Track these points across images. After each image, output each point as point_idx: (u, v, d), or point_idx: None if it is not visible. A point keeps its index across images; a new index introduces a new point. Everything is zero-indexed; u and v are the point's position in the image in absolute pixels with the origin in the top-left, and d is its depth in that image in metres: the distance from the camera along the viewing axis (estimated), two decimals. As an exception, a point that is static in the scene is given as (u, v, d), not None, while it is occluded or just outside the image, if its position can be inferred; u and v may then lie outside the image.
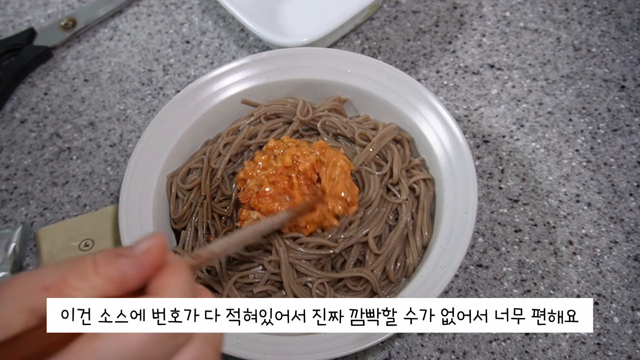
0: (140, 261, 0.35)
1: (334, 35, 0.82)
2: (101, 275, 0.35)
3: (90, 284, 0.34)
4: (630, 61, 0.83)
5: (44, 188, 0.79)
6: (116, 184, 0.79)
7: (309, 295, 0.62)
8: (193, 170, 0.71)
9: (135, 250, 0.35)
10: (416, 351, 0.66)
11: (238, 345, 0.57)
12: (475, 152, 0.77)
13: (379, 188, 0.66)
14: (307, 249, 0.63)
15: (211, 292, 0.64)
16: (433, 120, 0.68)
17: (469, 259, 0.70)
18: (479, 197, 0.73)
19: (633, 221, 0.72)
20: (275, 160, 0.65)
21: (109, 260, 0.35)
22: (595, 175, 0.75)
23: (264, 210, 0.61)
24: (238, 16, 0.79)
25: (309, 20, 0.86)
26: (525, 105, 0.81)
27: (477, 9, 0.89)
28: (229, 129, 0.72)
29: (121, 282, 0.35)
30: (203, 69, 0.88)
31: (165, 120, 0.70)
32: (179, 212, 0.68)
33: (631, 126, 0.78)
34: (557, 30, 0.86)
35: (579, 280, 0.68)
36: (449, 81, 0.83)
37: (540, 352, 0.65)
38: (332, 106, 0.72)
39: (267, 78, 0.73)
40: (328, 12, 0.84)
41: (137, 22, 0.93)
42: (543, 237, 0.71)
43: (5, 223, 0.77)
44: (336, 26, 0.77)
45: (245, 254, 0.64)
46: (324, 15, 0.82)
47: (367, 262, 0.63)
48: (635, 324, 0.65)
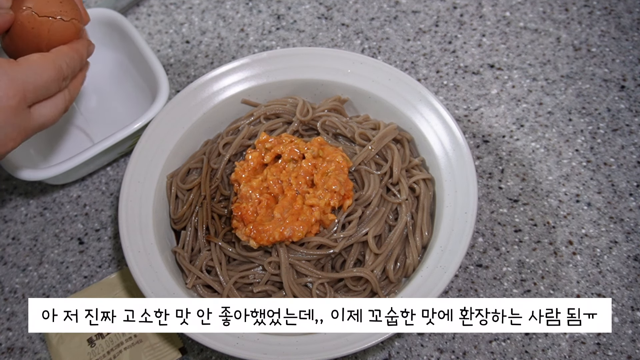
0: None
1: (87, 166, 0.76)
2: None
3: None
4: (630, 61, 0.83)
5: (43, 188, 0.79)
6: (116, 184, 0.79)
7: (309, 296, 0.62)
8: (193, 170, 0.71)
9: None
10: (416, 351, 0.66)
11: (238, 345, 0.57)
12: (475, 152, 0.77)
13: (379, 187, 0.66)
14: (307, 249, 0.63)
15: (211, 291, 0.65)
16: (433, 120, 0.68)
17: (469, 259, 0.71)
18: (479, 197, 0.73)
19: (633, 221, 0.72)
20: (267, 153, 0.66)
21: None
22: (595, 175, 0.75)
23: (255, 225, 0.62)
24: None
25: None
26: (525, 105, 0.81)
27: (477, 9, 0.89)
28: (228, 129, 0.72)
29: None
30: (203, 69, 0.88)
31: (165, 120, 0.70)
32: (178, 212, 0.68)
33: (631, 126, 0.78)
34: (557, 30, 0.86)
35: (578, 280, 0.68)
36: (449, 81, 0.83)
37: (540, 352, 0.65)
38: (332, 106, 0.72)
39: (267, 78, 0.73)
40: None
41: (137, 22, 0.93)
42: (543, 237, 0.71)
43: (5, 223, 0.77)
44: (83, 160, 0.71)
45: (246, 254, 0.64)
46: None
47: (367, 262, 0.63)
48: (635, 324, 0.65)
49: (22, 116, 0.54)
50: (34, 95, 0.54)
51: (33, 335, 0.70)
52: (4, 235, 0.77)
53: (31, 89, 0.53)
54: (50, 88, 0.56)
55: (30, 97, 0.54)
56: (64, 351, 0.67)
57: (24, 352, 0.69)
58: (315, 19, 0.90)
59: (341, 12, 0.91)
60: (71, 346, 0.67)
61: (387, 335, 0.56)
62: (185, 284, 0.64)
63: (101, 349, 0.67)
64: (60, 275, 0.74)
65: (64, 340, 0.67)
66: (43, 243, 0.76)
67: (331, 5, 0.92)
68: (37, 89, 0.54)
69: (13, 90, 0.52)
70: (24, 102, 0.53)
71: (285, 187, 0.64)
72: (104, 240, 0.76)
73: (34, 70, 0.54)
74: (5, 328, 0.71)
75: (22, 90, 0.53)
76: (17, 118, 0.53)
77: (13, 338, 0.70)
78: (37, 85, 0.54)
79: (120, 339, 0.67)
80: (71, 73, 0.58)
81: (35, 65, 0.54)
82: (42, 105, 0.56)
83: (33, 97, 0.54)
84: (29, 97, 0.54)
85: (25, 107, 0.54)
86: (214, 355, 0.67)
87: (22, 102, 0.53)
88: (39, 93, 0.55)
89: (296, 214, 0.62)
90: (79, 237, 0.76)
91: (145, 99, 0.80)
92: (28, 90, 0.53)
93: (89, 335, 0.67)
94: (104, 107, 0.83)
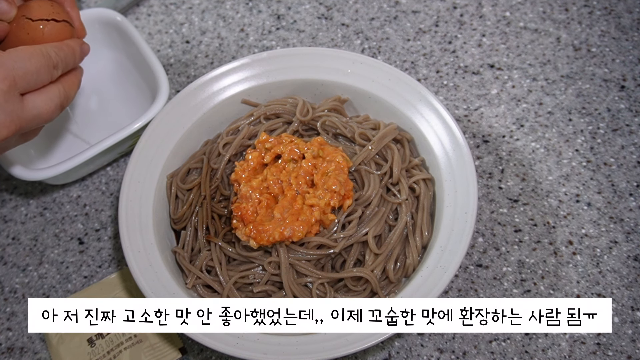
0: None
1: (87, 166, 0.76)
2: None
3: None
4: (630, 61, 0.83)
5: (43, 188, 0.79)
6: (116, 184, 0.79)
7: (309, 296, 0.62)
8: (193, 170, 0.71)
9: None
10: (416, 351, 0.66)
11: (238, 345, 0.57)
12: (475, 152, 0.77)
13: (379, 187, 0.66)
14: (307, 249, 0.63)
15: (211, 291, 0.65)
16: (433, 120, 0.68)
17: (469, 259, 0.70)
18: (479, 197, 0.73)
19: (633, 221, 0.72)
20: (267, 153, 0.66)
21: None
22: (595, 175, 0.75)
23: (255, 225, 0.62)
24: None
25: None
26: (525, 105, 0.81)
27: (477, 9, 0.89)
28: (228, 128, 0.72)
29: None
30: (203, 69, 0.88)
31: (165, 120, 0.70)
32: (178, 212, 0.68)
33: (631, 126, 0.78)
34: (557, 30, 0.86)
35: (578, 280, 0.68)
36: (449, 81, 0.83)
37: (540, 352, 0.65)
38: (332, 106, 0.72)
39: (267, 78, 0.73)
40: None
41: (137, 22, 0.93)
42: (543, 237, 0.71)
43: (5, 223, 0.77)
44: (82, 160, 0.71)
45: (246, 254, 0.64)
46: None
47: (367, 262, 0.63)
48: (635, 324, 0.65)
49: (14, 103, 0.54)
50: (25, 81, 0.55)
51: (33, 335, 0.70)
52: (4, 235, 0.77)
53: (21, 74, 0.54)
54: (40, 75, 0.56)
55: (21, 84, 0.54)
56: (64, 351, 0.67)
57: (24, 352, 0.69)
58: (315, 19, 0.90)
59: (341, 12, 0.91)
60: (71, 346, 0.67)
61: (387, 335, 0.56)
62: (185, 284, 0.64)
63: (101, 349, 0.67)
64: (60, 275, 0.74)
65: (64, 340, 0.67)
66: (43, 243, 0.76)
67: (331, 5, 0.92)
68: (26, 74, 0.54)
69: (2, 74, 0.52)
70: (14, 87, 0.54)
71: (285, 187, 0.64)
72: (104, 240, 0.76)
73: (21, 56, 0.54)
74: (5, 328, 0.71)
75: (12, 76, 0.53)
76: (8, 103, 0.53)
77: (13, 338, 0.70)
78: (27, 70, 0.54)
79: (120, 339, 0.67)
80: (62, 62, 0.59)
81: (23, 53, 0.55)
82: (35, 95, 0.57)
83: (24, 83, 0.55)
84: (20, 83, 0.54)
85: (16, 94, 0.54)
86: (214, 355, 0.67)
87: (12, 87, 0.53)
88: (30, 79, 0.55)
89: (296, 214, 0.62)
90: (79, 237, 0.76)
91: (145, 99, 0.80)
92: (18, 75, 0.54)
93: (89, 335, 0.67)
94: (104, 107, 0.83)
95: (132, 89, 0.83)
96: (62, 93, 0.59)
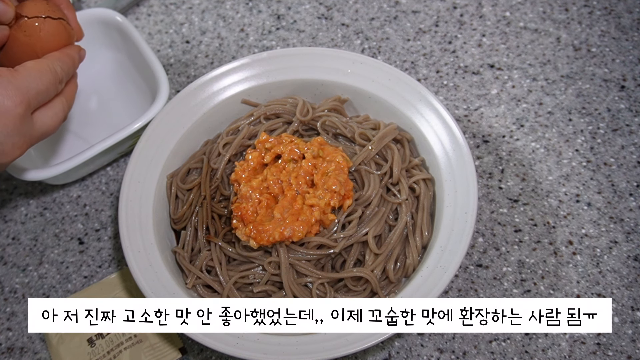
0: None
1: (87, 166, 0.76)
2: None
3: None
4: (630, 61, 0.83)
5: (43, 188, 0.79)
6: (116, 184, 0.79)
7: (309, 296, 0.62)
8: (193, 170, 0.71)
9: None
10: (416, 351, 0.66)
11: (238, 345, 0.57)
12: (475, 152, 0.77)
13: (379, 187, 0.66)
14: (307, 249, 0.63)
15: (211, 291, 0.65)
16: (433, 120, 0.68)
17: (469, 259, 0.71)
18: (479, 197, 0.73)
19: (633, 221, 0.72)
20: (267, 153, 0.66)
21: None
22: (595, 175, 0.75)
23: (255, 225, 0.62)
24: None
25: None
26: (525, 105, 0.81)
27: (477, 9, 0.89)
28: (228, 129, 0.72)
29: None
30: (203, 69, 0.88)
31: (165, 120, 0.70)
32: (178, 212, 0.68)
33: (631, 126, 0.78)
34: (557, 30, 0.86)
35: (578, 280, 0.68)
36: (449, 81, 0.83)
37: (540, 352, 0.65)
38: (332, 106, 0.72)
39: (267, 78, 0.73)
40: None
41: (137, 22, 0.93)
42: (543, 237, 0.71)
43: (5, 223, 0.77)
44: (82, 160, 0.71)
45: (246, 254, 0.64)
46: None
47: (367, 262, 0.63)
48: (635, 324, 0.65)
49: (28, 124, 0.55)
50: (36, 101, 0.56)
51: (33, 335, 0.70)
52: (4, 235, 0.77)
53: (34, 94, 0.55)
54: (49, 92, 0.57)
55: (34, 104, 0.55)
56: (64, 351, 0.67)
57: (24, 352, 0.69)
58: (315, 19, 0.90)
59: (341, 12, 0.91)
60: (71, 346, 0.67)
61: (387, 335, 0.56)
62: (185, 284, 0.64)
63: (101, 349, 0.67)
64: (60, 275, 0.74)
65: (64, 340, 0.67)
66: (43, 243, 0.76)
67: (331, 5, 0.92)
68: (38, 94, 0.55)
69: (19, 98, 0.53)
70: (29, 109, 0.55)
71: (285, 187, 0.64)
72: (104, 240, 0.76)
73: (33, 76, 0.55)
74: (5, 328, 0.71)
75: (27, 98, 0.54)
76: (23, 126, 0.54)
77: (13, 338, 0.70)
78: (39, 90, 0.55)
79: (120, 339, 0.67)
80: (65, 76, 0.60)
81: (34, 71, 0.55)
82: (42, 112, 0.58)
83: (35, 103, 0.56)
84: (32, 103, 0.55)
85: (29, 114, 0.55)
86: (214, 355, 0.67)
87: (27, 109, 0.54)
88: (41, 99, 0.56)
89: (296, 214, 0.62)
90: (79, 237, 0.76)
91: (145, 99, 0.80)
92: (31, 96, 0.54)
93: (89, 335, 0.67)
94: (104, 107, 0.84)
95: (132, 89, 0.83)
96: (65, 105, 0.60)
